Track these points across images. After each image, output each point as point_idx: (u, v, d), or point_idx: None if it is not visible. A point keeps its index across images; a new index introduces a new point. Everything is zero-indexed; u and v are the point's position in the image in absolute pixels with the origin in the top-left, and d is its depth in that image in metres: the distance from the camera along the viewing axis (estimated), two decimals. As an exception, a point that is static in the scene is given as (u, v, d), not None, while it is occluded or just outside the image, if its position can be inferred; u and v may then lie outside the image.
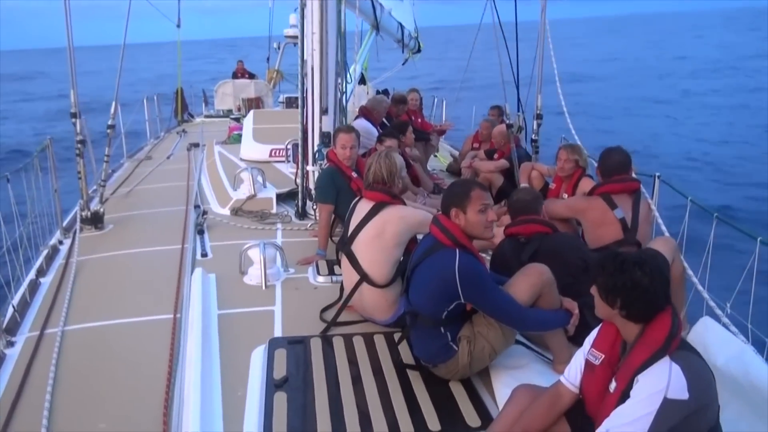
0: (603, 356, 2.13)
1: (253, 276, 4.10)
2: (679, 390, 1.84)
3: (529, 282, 2.91)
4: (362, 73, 10.74)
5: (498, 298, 2.80)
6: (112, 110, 5.99)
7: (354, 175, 4.70)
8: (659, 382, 1.86)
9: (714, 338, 2.92)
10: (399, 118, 7.22)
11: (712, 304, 3.25)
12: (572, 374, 2.23)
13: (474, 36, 7.95)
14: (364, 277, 3.41)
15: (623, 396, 1.96)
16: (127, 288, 4.22)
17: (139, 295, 4.04)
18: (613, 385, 2.03)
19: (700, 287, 3.38)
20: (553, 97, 6.02)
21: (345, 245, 3.53)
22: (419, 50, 11.17)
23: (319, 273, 4.21)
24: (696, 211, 3.83)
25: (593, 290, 2.12)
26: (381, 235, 3.39)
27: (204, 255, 4.67)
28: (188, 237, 4.92)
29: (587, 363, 2.18)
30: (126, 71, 5.92)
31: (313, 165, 5.44)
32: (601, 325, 2.23)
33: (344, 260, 3.55)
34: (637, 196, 3.82)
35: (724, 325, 3.07)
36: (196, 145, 9.06)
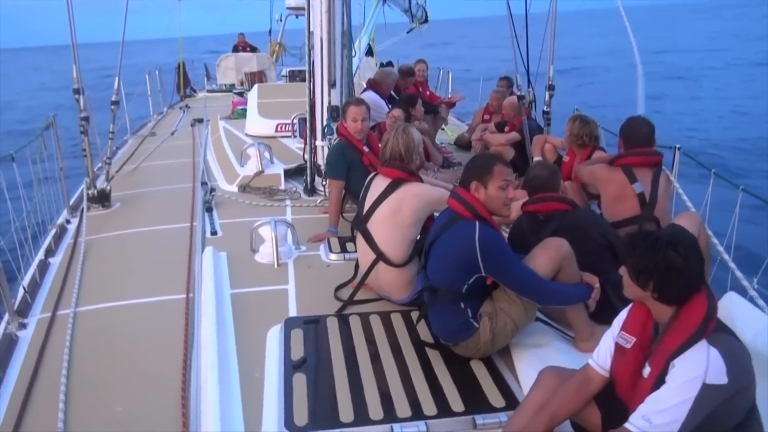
0: (634, 339, 2.05)
1: (265, 254, 4.04)
2: (718, 375, 1.78)
3: (548, 255, 2.85)
4: (369, 45, 10.52)
5: (519, 271, 2.74)
6: (116, 86, 5.87)
7: (365, 149, 4.60)
8: (697, 368, 1.79)
9: (740, 313, 2.85)
10: (407, 91, 7.09)
11: (739, 274, 3.16)
12: (601, 357, 2.16)
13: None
14: (380, 256, 3.34)
15: (658, 381, 1.89)
16: (138, 267, 4.16)
17: (149, 275, 3.99)
18: (647, 370, 1.96)
19: (726, 257, 3.27)
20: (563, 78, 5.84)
21: (360, 223, 3.46)
22: (426, 20, 10.94)
23: (331, 250, 4.15)
24: (719, 183, 3.72)
25: (622, 270, 2.03)
26: (397, 213, 3.30)
27: (213, 233, 4.61)
28: (197, 215, 4.85)
29: (617, 346, 2.10)
30: (125, 65, 5.82)
31: (322, 140, 5.34)
32: (630, 305, 2.14)
33: (359, 238, 3.48)
34: (657, 170, 3.72)
35: (751, 300, 3.01)
36: (200, 121, 8.94)
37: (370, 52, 11.24)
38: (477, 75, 11.17)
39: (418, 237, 3.37)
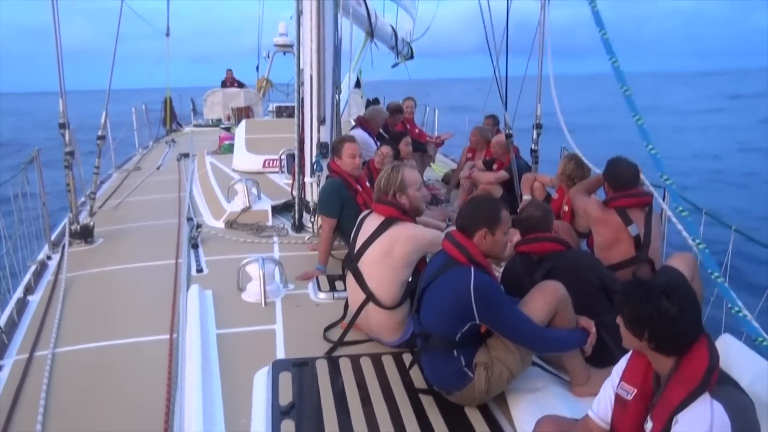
0: (635, 390, 1.99)
1: (252, 293, 3.95)
2: (723, 429, 1.72)
3: (544, 300, 2.80)
4: (357, 77, 10.63)
5: (515, 319, 2.67)
6: (102, 120, 5.82)
7: (359, 188, 4.58)
8: (702, 424, 1.73)
9: (736, 356, 2.81)
10: (395, 128, 7.12)
11: (728, 320, 3.13)
12: (602, 409, 2.08)
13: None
14: (370, 297, 3.27)
15: None
16: (120, 306, 4.04)
17: (132, 314, 3.87)
18: (649, 425, 1.89)
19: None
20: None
21: (351, 262, 3.39)
22: (412, 56, 11.11)
23: (320, 289, 4.07)
24: (710, 223, 3.73)
25: (618, 320, 1.99)
26: (389, 254, 3.24)
27: (199, 270, 4.51)
28: (182, 251, 4.75)
29: (618, 397, 2.03)
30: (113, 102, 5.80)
31: (311, 176, 5.31)
32: (630, 355, 2.09)
33: (350, 278, 3.41)
34: (649, 210, 3.72)
35: (744, 343, 2.97)
36: (186, 155, 8.89)
37: (357, 84, 11.35)
38: (463, 112, 11.31)
39: (410, 279, 3.31)
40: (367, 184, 4.79)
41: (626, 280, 2.18)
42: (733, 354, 2.85)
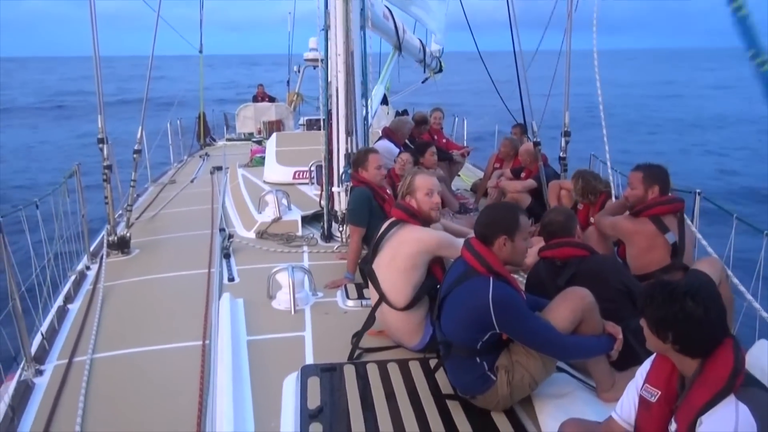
0: (659, 393, 1.98)
1: (282, 301, 4.03)
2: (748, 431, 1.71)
3: (569, 307, 2.78)
4: (384, 94, 10.73)
5: (536, 328, 2.66)
6: (138, 136, 6.02)
7: (386, 196, 4.66)
8: (726, 426, 1.72)
9: None
10: (421, 139, 7.17)
11: (765, 314, 3.06)
12: (625, 411, 2.08)
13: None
14: (382, 297, 3.33)
15: None
16: (155, 314, 4.17)
17: (167, 322, 3.99)
18: (673, 426, 1.88)
19: (756, 305, 3.19)
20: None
21: (367, 264, 3.47)
22: (441, 70, 11.15)
23: (348, 297, 4.13)
24: (742, 228, 3.66)
25: (642, 322, 1.98)
26: (396, 257, 3.30)
27: (231, 279, 4.62)
28: (214, 261, 4.87)
29: (641, 399, 2.03)
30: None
31: (338, 186, 5.39)
32: (654, 357, 2.08)
33: (369, 280, 3.48)
34: (681, 216, 3.67)
35: None
36: (219, 169, 9.09)
37: (385, 100, 11.44)
38: (490, 121, 11.28)
39: (424, 280, 3.31)
40: (389, 192, 4.86)
41: (650, 282, 2.17)
42: None
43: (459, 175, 8.46)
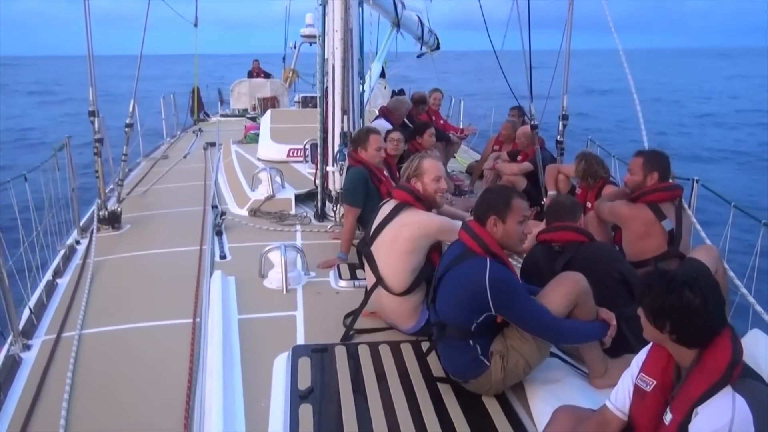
0: (654, 382, 1.96)
1: (274, 279, 3.99)
2: (745, 424, 1.68)
3: (564, 291, 2.76)
4: (382, 67, 10.56)
5: (531, 310, 2.65)
6: (131, 109, 5.92)
7: (383, 177, 4.60)
8: (722, 417, 1.70)
9: (766, 352, 2.75)
10: (419, 119, 7.10)
11: (759, 309, 3.06)
12: (620, 399, 2.06)
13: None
14: (379, 281, 3.30)
15: (681, 429, 1.79)
16: (145, 290, 4.12)
17: (157, 298, 3.95)
18: (668, 416, 1.86)
19: (750, 298, 3.19)
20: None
21: (365, 246, 3.42)
22: (438, 47, 11.00)
23: (341, 277, 4.10)
24: (738, 216, 3.64)
25: (639, 312, 1.95)
26: (396, 239, 3.26)
27: (222, 257, 4.58)
28: (206, 238, 4.82)
29: (637, 388, 2.00)
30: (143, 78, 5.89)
31: (333, 166, 5.33)
32: (650, 346, 2.05)
33: (366, 262, 3.44)
34: (679, 204, 3.64)
35: None
36: (213, 145, 8.99)
37: (382, 74, 11.28)
38: (489, 103, 11.17)
39: (422, 265, 3.28)
40: (385, 173, 4.80)
41: (647, 271, 2.14)
42: (762, 350, 2.78)
43: (455, 157, 8.41)
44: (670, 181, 3.74)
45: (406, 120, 6.88)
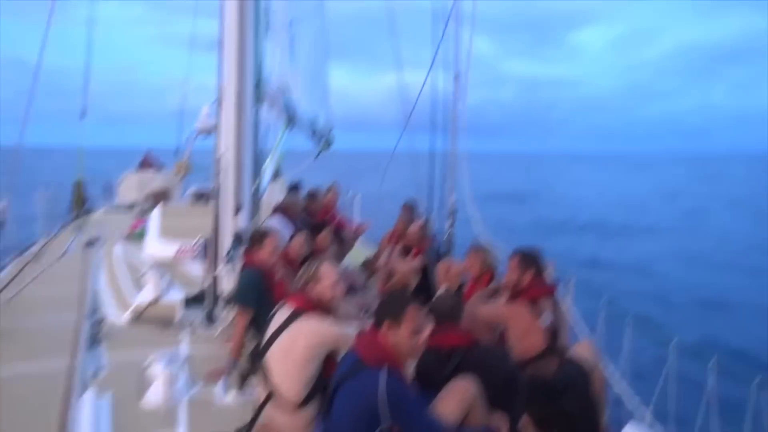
0: None
1: (154, 397, 3.67)
2: None
3: (456, 399, 2.80)
4: (277, 167, 10.65)
5: (427, 422, 2.62)
6: (1, 207, 5.47)
7: (276, 281, 4.48)
8: None
9: None
10: (317, 215, 7.14)
11: (635, 401, 3.21)
12: None
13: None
14: (272, 393, 3.15)
15: None
16: (1, 419, 3.62)
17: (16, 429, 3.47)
18: None
19: (627, 390, 3.34)
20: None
21: (258, 355, 3.28)
22: (329, 145, 11.30)
23: (229, 390, 3.85)
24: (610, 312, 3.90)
25: (525, 421, 2.01)
26: (292, 348, 3.15)
27: (97, 372, 4.17)
28: (79, 351, 4.38)
29: None
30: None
31: (224, 266, 5.16)
32: None
33: (258, 372, 3.27)
34: (555, 300, 3.84)
35: (650, 428, 3.05)
36: (94, 242, 8.44)
37: (278, 172, 11.34)
38: (384, 198, 11.52)
39: (318, 376, 3.19)
40: (280, 274, 4.71)
41: (530, 380, 2.21)
42: None
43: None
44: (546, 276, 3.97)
45: (304, 215, 6.89)
